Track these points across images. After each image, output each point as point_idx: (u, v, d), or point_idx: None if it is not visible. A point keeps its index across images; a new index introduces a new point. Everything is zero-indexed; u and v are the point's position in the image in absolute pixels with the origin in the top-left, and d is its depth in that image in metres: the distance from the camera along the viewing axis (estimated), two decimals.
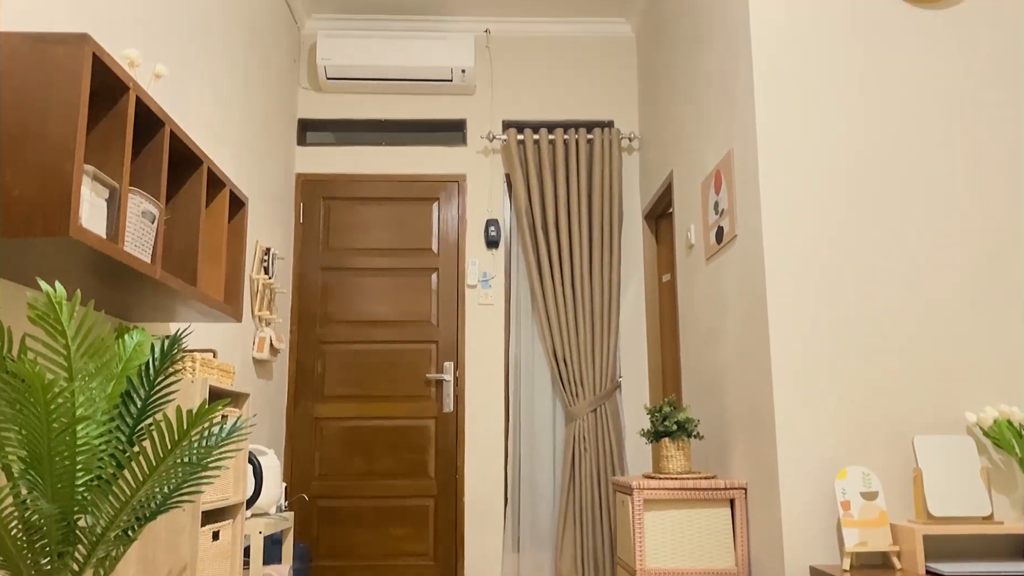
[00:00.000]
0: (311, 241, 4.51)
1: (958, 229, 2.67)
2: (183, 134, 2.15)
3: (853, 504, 2.41)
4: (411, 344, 4.43)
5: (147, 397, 1.79)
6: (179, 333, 1.84)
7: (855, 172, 2.69)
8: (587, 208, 4.41)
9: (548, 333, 4.28)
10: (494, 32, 4.72)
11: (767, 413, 2.61)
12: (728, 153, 2.98)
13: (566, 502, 4.11)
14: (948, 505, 2.37)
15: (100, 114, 1.84)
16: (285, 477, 4.31)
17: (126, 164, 1.83)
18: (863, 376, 2.58)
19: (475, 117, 4.65)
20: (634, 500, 2.80)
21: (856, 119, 2.72)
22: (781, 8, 2.77)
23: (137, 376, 1.77)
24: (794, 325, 2.60)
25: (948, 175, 2.69)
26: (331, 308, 4.45)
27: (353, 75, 4.46)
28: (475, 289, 4.49)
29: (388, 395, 4.38)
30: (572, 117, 4.66)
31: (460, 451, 4.34)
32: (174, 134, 2.11)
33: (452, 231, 4.55)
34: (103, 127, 1.84)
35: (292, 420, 4.35)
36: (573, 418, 4.20)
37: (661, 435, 2.99)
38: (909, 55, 2.76)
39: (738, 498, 2.80)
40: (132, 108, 1.86)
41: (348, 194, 4.56)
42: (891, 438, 2.55)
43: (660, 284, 4.43)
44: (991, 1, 2.78)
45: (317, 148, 4.59)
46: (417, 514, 4.29)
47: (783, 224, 2.65)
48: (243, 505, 2.55)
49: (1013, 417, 2.44)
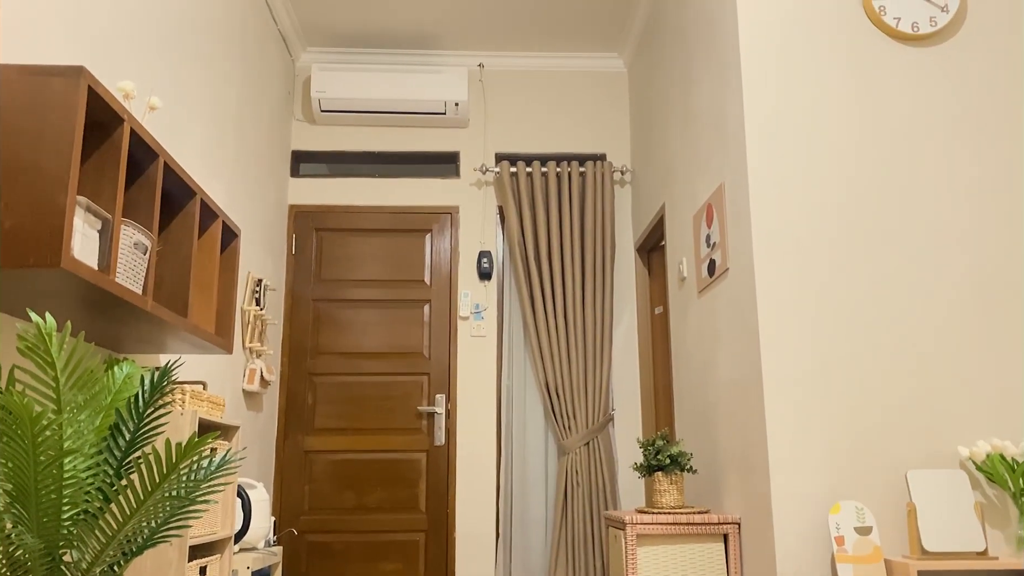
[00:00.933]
0: (303, 272, 4.50)
1: (950, 265, 2.68)
2: (176, 166, 2.16)
3: (847, 539, 2.40)
4: (402, 376, 4.41)
5: (136, 430, 1.77)
6: (169, 365, 1.82)
7: (846, 207, 2.71)
8: (579, 240, 4.42)
9: (541, 365, 4.27)
10: (487, 66, 4.77)
11: (760, 447, 2.60)
12: (720, 187, 3.00)
13: (558, 536, 4.07)
14: (942, 540, 2.36)
15: (94, 146, 1.85)
16: (274, 511, 4.25)
17: (119, 196, 1.83)
18: (856, 410, 2.57)
19: (468, 149, 4.68)
20: (627, 535, 2.77)
21: (847, 155, 2.74)
22: (772, 44, 2.81)
23: (126, 408, 1.75)
24: (787, 359, 2.60)
25: (940, 211, 2.72)
26: (322, 340, 4.43)
27: (347, 108, 4.49)
28: (467, 321, 4.48)
29: (379, 428, 4.35)
30: (565, 150, 4.70)
31: (451, 484, 4.30)
32: (167, 166, 2.12)
33: (445, 263, 4.55)
34: (97, 159, 1.84)
35: (282, 453, 4.31)
36: (566, 451, 4.17)
37: (654, 469, 2.97)
38: (899, 92, 2.79)
39: (732, 533, 2.78)
40: (126, 140, 1.86)
41: (341, 225, 4.56)
42: (885, 472, 2.54)
43: (652, 317, 4.44)
44: (978, 39, 2.83)
45: (310, 180, 4.61)
46: (407, 549, 4.24)
47: (775, 258, 2.66)
48: (231, 540, 2.51)
49: (1006, 451, 2.44)
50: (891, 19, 2.80)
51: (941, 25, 2.80)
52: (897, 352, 2.62)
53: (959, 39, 2.83)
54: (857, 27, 2.83)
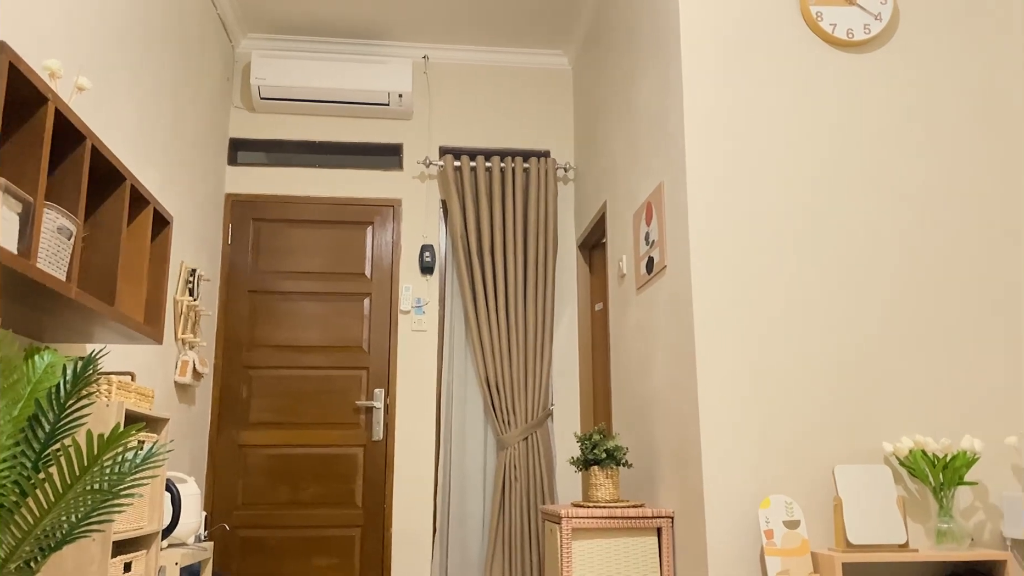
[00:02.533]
0: (239, 263, 4.41)
1: (880, 266, 2.76)
2: (106, 149, 2.09)
3: (776, 533, 2.45)
4: (341, 370, 4.35)
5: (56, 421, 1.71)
6: (94, 354, 1.76)
7: (782, 208, 2.77)
8: (522, 236, 4.43)
9: (481, 360, 4.26)
10: (432, 58, 4.74)
11: (694, 442, 2.64)
12: (659, 186, 3.04)
13: (496, 531, 4.08)
14: (866, 533, 2.43)
15: (15, 126, 1.77)
16: (206, 506, 4.16)
17: (42, 178, 1.76)
18: (787, 407, 2.63)
19: (412, 142, 4.64)
20: (562, 529, 2.79)
21: (783, 156, 2.80)
22: (712, 46, 2.85)
23: (47, 399, 1.69)
24: (720, 356, 2.64)
25: (871, 213, 2.79)
26: (259, 332, 4.35)
27: (288, 96, 4.41)
28: (408, 315, 4.45)
29: (316, 422, 4.29)
30: (509, 146, 4.69)
31: (389, 480, 4.26)
32: (96, 149, 2.04)
33: (386, 256, 4.51)
34: (19, 139, 1.77)
35: (215, 447, 4.22)
36: (504, 446, 4.18)
37: (590, 463, 3.00)
38: (834, 96, 2.86)
39: (665, 527, 2.82)
40: (51, 120, 1.79)
41: (279, 216, 4.48)
42: (813, 468, 2.60)
43: (593, 313, 4.47)
44: (909, 48, 2.91)
45: (249, 168, 4.51)
46: (343, 544, 4.19)
47: (711, 256, 2.71)
48: (158, 535, 2.45)
49: (928, 447, 2.52)
50: (827, 25, 2.87)
51: (874, 32, 2.87)
52: (827, 351, 2.68)
53: (891, 47, 2.91)
54: (795, 32, 2.89)
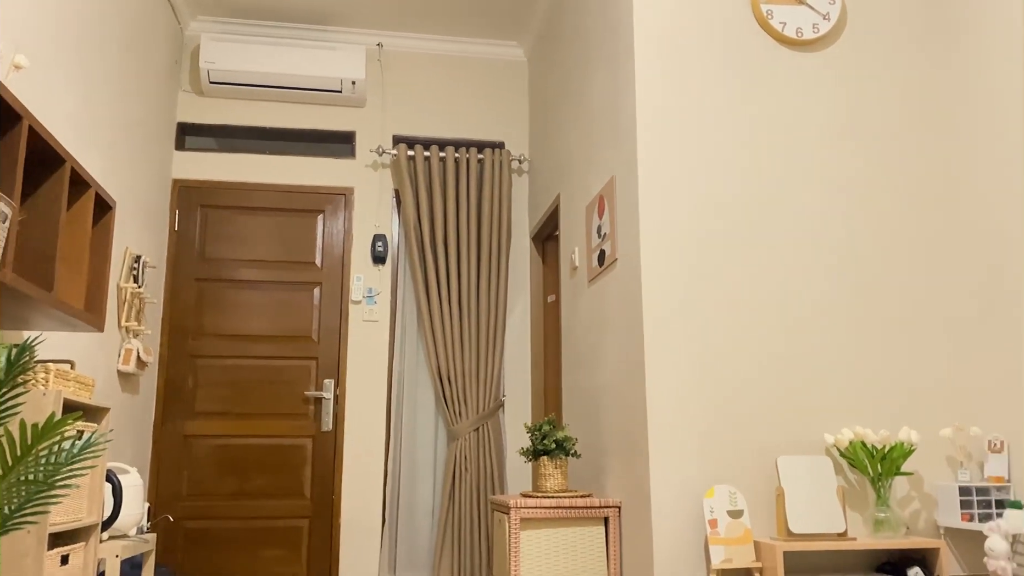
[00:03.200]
0: (186, 250, 4.32)
1: (824, 261, 2.82)
2: (44, 131, 2.03)
3: (720, 522, 2.49)
4: (290, 360, 4.30)
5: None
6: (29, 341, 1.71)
7: (731, 202, 2.81)
8: (476, 227, 4.42)
9: (433, 351, 4.25)
10: (387, 46, 4.69)
11: (641, 433, 2.67)
12: (611, 179, 3.06)
13: (445, 522, 4.08)
14: (807, 522, 2.48)
15: None
16: (149, 497, 4.08)
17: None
18: (732, 399, 2.68)
19: (365, 130, 4.59)
20: (511, 519, 2.80)
21: (732, 152, 2.84)
22: (665, 42, 2.87)
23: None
24: (668, 348, 2.67)
25: (816, 209, 2.85)
26: (206, 321, 4.27)
27: (238, 80, 4.33)
28: (359, 305, 4.41)
29: (264, 412, 4.23)
30: (463, 136, 4.68)
31: (338, 470, 4.23)
32: (33, 130, 1.98)
33: (337, 245, 4.46)
34: None
35: (159, 437, 4.14)
36: (455, 437, 4.18)
37: (540, 453, 3.01)
38: (783, 93, 2.91)
39: (612, 516, 2.85)
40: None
41: (228, 203, 4.40)
42: (757, 458, 2.65)
43: (545, 305, 4.49)
44: (855, 47, 2.97)
45: (197, 154, 4.42)
46: (290, 535, 4.15)
47: (661, 250, 2.73)
48: (98, 527, 2.39)
49: (867, 439, 2.59)
50: (777, 23, 2.91)
51: (823, 32, 2.93)
52: (772, 344, 2.73)
53: (838, 46, 2.97)
54: (746, 29, 2.93)
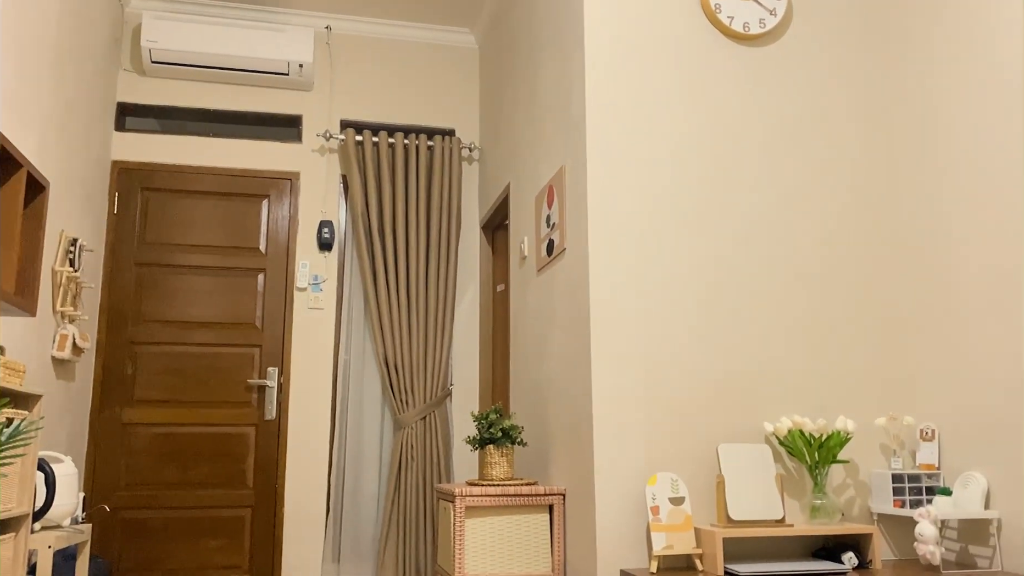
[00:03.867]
0: (126, 234, 4.21)
1: (766, 253, 2.87)
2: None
3: (662, 509, 2.53)
4: (233, 348, 4.22)
5: None
6: None
7: (677, 194, 2.83)
8: (425, 215, 4.39)
9: (380, 339, 4.22)
10: (336, 29, 4.62)
11: (586, 421, 2.69)
12: (561, 169, 3.06)
13: (390, 511, 4.06)
14: (746, 509, 2.53)
15: None
16: (86, 487, 3.98)
17: None
18: (675, 387, 2.71)
19: (312, 114, 4.52)
20: (456, 507, 2.80)
21: (681, 144, 2.87)
22: (614, 33, 2.88)
23: None
24: (614, 337, 2.69)
25: (760, 201, 2.89)
26: (146, 307, 4.17)
27: (181, 60, 4.22)
28: (305, 292, 4.35)
29: (206, 400, 4.15)
30: (413, 122, 4.64)
31: (281, 459, 4.18)
32: None
33: (282, 231, 4.39)
34: None
35: (96, 425, 4.03)
36: (402, 426, 4.16)
37: (486, 442, 3.01)
38: (730, 87, 2.94)
39: (556, 504, 2.87)
40: None
41: (170, 186, 4.29)
42: (699, 446, 2.69)
43: (495, 294, 4.49)
44: (801, 43, 3.02)
45: (138, 135, 4.30)
46: (233, 525, 4.09)
47: (608, 240, 2.75)
48: (29, 517, 2.32)
49: (805, 427, 2.65)
50: (725, 17, 2.94)
51: (769, 27, 2.97)
52: (714, 334, 2.78)
53: (784, 41, 3.01)
54: (695, 23, 2.95)
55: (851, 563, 2.47)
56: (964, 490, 2.48)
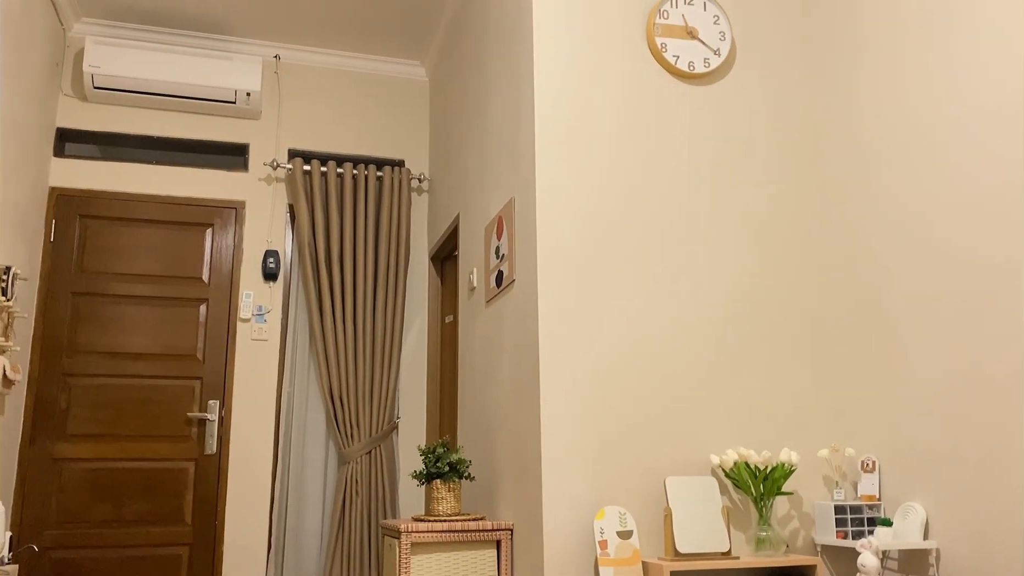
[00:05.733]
0: (63, 262, 4.08)
1: (711, 286, 2.91)
2: None
3: (610, 543, 2.52)
4: (172, 380, 4.11)
5: None
6: None
7: (624, 227, 2.86)
8: (374, 245, 4.36)
9: (325, 371, 4.15)
10: (284, 59, 4.59)
11: (535, 454, 2.67)
12: (510, 201, 3.07)
13: (334, 548, 3.96)
14: (693, 542, 2.53)
15: None
16: (12, 525, 3.80)
17: None
18: (623, 419, 2.72)
19: (259, 143, 4.47)
20: (401, 543, 2.74)
21: (627, 178, 2.90)
22: (563, 68, 2.92)
23: None
24: (562, 370, 2.69)
25: (704, 234, 2.94)
26: (82, 337, 4.03)
27: (124, 87, 4.14)
28: (248, 323, 4.27)
29: (143, 434, 4.02)
30: (362, 152, 4.62)
31: (222, 495, 4.06)
32: None
33: (226, 260, 4.31)
34: None
35: (26, 461, 3.86)
36: (347, 460, 4.08)
37: (433, 476, 2.97)
38: (675, 123, 3.00)
39: (504, 539, 2.83)
40: None
41: (110, 213, 4.18)
42: (646, 478, 2.70)
43: (443, 325, 4.46)
44: (744, 81, 3.10)
45: (77, 161, 4.19)
46: (169, 563, 3.94)
47: (557, 271, 2.76)
48: None
49: (750, 459, 2.67)
50: (671, 56, 3.01)
51: (713, 67, 3.04)
52: (660, 366, 2.80)
53: (728, 80, 3.09)
54: (642, 60, 3.01)
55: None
56: (904, 521, 2.53)
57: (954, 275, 2.46)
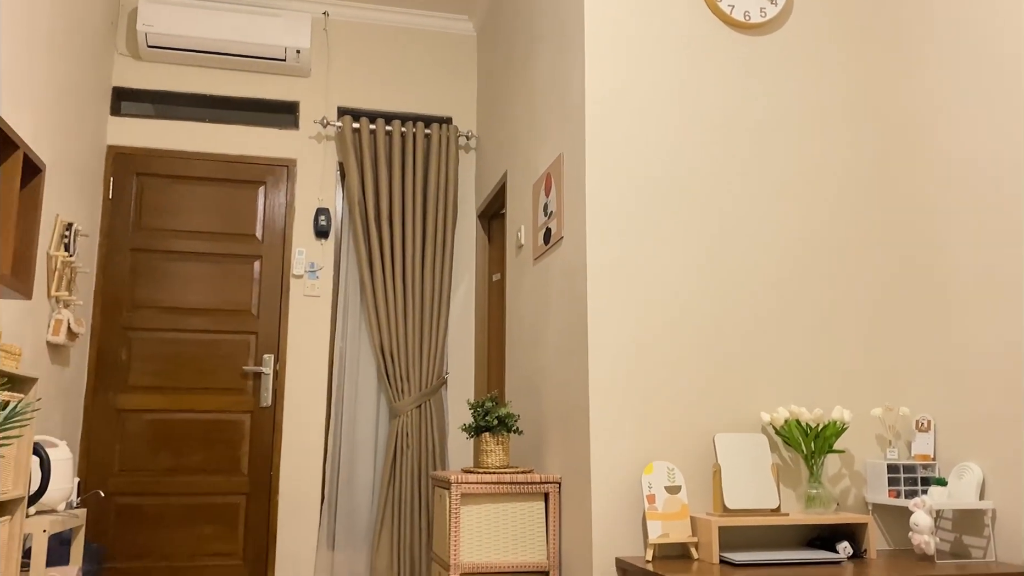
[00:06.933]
0: (121, 220, 4.19)
1: (761, 243, 2.86)
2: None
3: (658, 498, 2.53)
4: (228, 335, 4.21)
5: None
6: None
7: (675, 182, 2.83)
8: (422, 203, 4.38)
9: (376, 327, 4.21)
10: (333, 15, 4.59)
11: (582, 410, 2.69)
12: (559, 157, 3.05)
13: (385, 498, 4.06)
14: (742, 498, 2.54)
15: None
16: (80, 472, 3.97)
17: None
18: (673, 377, 2.71)
19: (309, 101, 4.50)
20: (452, 494, 2.80)
21: (679, 132, 2.86)
22: (615, 21, 2.87)
23: None
24: (611, 327, 2.69)
25: (757, 190, 2.89)
26: (140, 293, 4.15)
27: (177, 45, 4.19)
28: (301, 280, 4.34)
29: (200, 387, 4.14)
30: (410, 110, 4.62)
31: (276, 447, 4.17)
32: None
33: (279, 218, 4.37)
34: None
35: (91, 411, 4.02)
36: (397, 414, 4.15)
37: (482, 430, 3.01)
38: (730, 75, 2.93)
39: (552, 492, 2.87)
40: None
41: (166, 171, 4.27)
42: (695, 436, 2.70)
43: (490, 283, 4.48)
44: (801, 35, 3.01)
45: (133, 120, 4.27)
46: (227, 512, 4.08)
47: (606, 228, 2.74)
48: (24, 501, 2.31)
49: (801, 417, 2.65)
50: (726, 6, 2.93)
51: (770, 16, 2.95)
52: (712, 323, 2.77)
53: (784, 31, 3.00)
54: (695, 11, 2.94)
55: (846, 552, 2.48)
56: (959, 481, 2.49)
57: (1015, 242, 2.38)
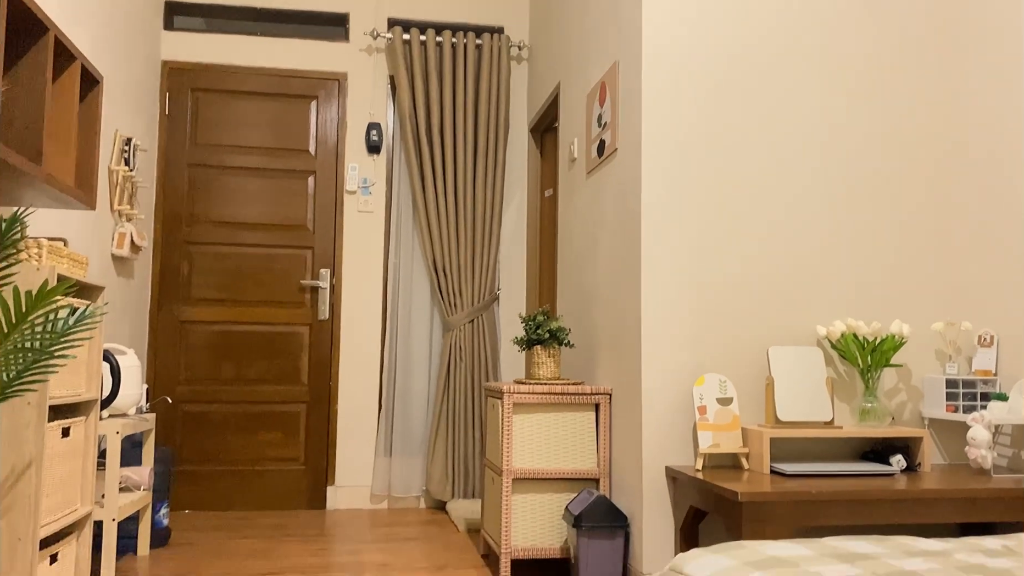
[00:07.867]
0: (177, 135, 4.24)
1: (817, 158, 2.77)
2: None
3: (709, 409, 2.54)
4: (285, 249, 4.29)
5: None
6: (18, 213, 1.69)
7: (733, 94, 2.73)
8: (473, 117, 4.33)
9: (429, 243, 4.23)
10: None
11: (634, 323, 2.68)
12: (614, 65, 2.97)
13: (439, 408, 4.16)
14: (795, 411, 2.53)
15: None
16: (148, 380, 4.14)
17: None
18: (726, 290, 2.68)
19: (359, 12, 4.43)
20: (504, 403, 2.85)
21: (739, 43, 2.75)
22: None
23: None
24: (664, 240, 2.66)
25: (816, 102, 2.78)
26: (199, 207, 4.23)
27: None
28: (354, 195, 4.36)
29: (260, 300, 4.25)
30: (461, 20, 4.52)
31: (335, 358, 4.28)
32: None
33: (331, 133, 4.38)
34: None
35: (156, 322, 4.16)
36: (450, 328, 4.21)
37: (534, 343, 3.04)
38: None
39: (603, 403, 2.90)
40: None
41: (220, 86, 4.29)
42: (749, 349, 2.68)
43: (542, 199, 4.45)
44: None
45: (186, 34, 4.28)
46: (288, 420, 4.24)
47: (661, 140, 2.68)
48: (97, 403, 2.43)
49: (859, 331, 2.61)
50: None
51: None
52: (766, 238, 2.72)
53: None
54: None
55: (899, 465, 2.47)
56: (1020, 396, 2.44)
57: None
